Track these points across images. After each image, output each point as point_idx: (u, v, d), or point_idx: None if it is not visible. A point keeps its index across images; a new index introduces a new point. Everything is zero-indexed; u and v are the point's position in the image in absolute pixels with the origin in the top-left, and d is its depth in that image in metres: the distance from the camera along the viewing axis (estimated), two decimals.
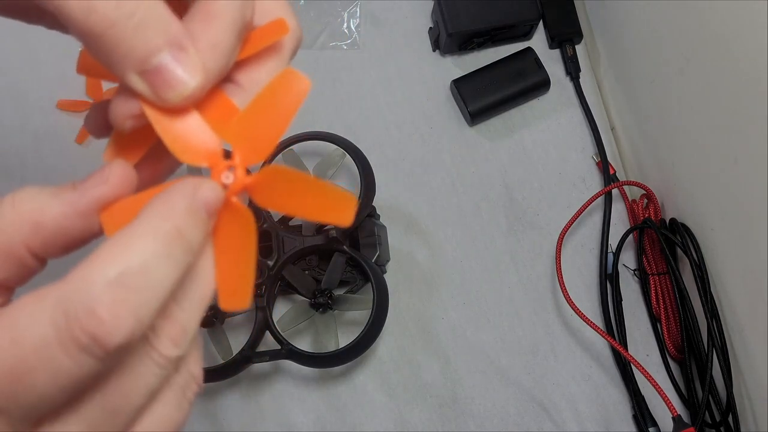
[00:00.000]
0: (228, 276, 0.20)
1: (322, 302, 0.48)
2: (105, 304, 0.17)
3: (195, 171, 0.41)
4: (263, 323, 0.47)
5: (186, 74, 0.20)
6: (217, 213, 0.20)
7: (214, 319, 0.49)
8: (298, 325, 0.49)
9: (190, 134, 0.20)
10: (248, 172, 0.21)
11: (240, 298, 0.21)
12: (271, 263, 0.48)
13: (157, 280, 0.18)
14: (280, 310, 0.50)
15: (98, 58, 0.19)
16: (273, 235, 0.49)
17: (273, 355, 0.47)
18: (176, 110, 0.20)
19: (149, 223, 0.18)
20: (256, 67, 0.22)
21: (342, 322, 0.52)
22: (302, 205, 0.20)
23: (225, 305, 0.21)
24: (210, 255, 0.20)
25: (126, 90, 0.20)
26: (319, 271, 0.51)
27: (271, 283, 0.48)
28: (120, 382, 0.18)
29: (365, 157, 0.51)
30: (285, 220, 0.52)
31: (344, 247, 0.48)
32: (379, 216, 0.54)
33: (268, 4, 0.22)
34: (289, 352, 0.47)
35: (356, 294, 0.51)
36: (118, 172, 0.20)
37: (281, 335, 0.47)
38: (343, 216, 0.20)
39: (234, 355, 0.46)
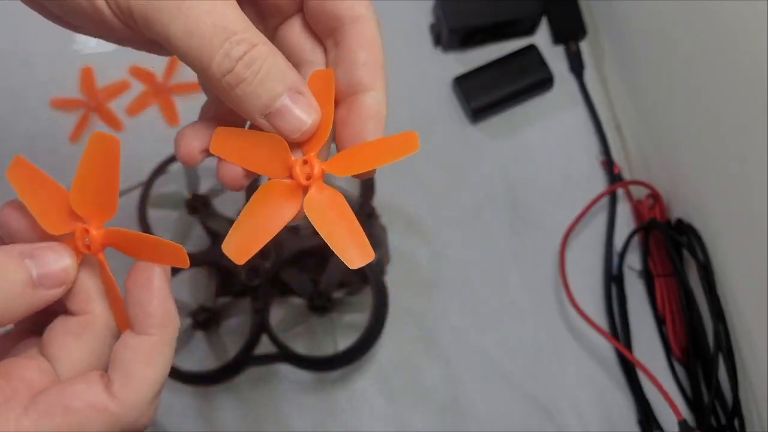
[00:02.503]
0: (114, 308, 0.24)
1: (320, 305, 0.47)
2: None
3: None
4: (260, 326, 0.46)
5: (303, 114, 0.24)
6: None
7: (210, 322, 0.48)
8: (295, 328, 0.48)
9: (54, 211, 0.24)
10: None
11: (123, 324, 0.24)
12: (268, 265, 0.47)
13: None
14: (278, 313, 0.50)
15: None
16: None
17: (270, 359, 0.46)
18: (44, 194, 0.24)
19: None
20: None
21: (340, 325, 0.51)
22: (148, 256, 0.23)
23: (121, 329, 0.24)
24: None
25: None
26: (317, 273, 0.50)
27: (268, 285, 0.47)
28: None
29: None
30: None
31: None
32: (379, 217, 0.53)
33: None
34: (287, 356, 0.46)
35: (355, 296, 0.50)
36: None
37: (278, 338, 0.46)
38: (179, 262, 0.23)
39: (230, 358, 0.45)
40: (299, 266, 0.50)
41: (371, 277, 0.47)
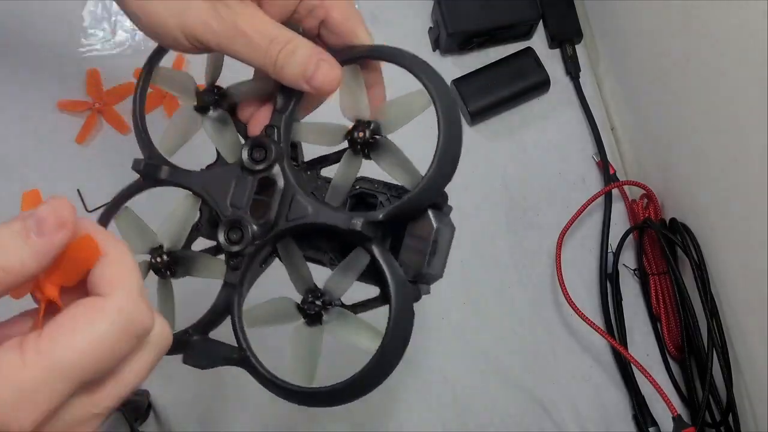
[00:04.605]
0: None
1: (313, 310, 0.32)
2: None
3: None
4: (224, 306, 0.32)
5: (332, 71, 0.33)
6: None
7: (170, 270, 0.34)
8: (271, 327, 0.33)
9: None
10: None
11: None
12: (256, 228, 0.32)
13: None
14: (255, 296, 0.34)
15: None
16: (277, 188, 0.33)
17: (224, 358, 0.32)
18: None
19: None
20: None
21: (329, 340, 0.34)
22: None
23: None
24: None
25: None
26: (329, 263, 0.35)
27: (252, 256, 0.32)
28: None
29: (452, 99, 0.35)
30: (313, 164, 0.36)
31: (373, 243, 0.32)
32: (450, 209, 0.37)
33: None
34: (242, 360, 0.32)
35: (366, 311, 0.34)
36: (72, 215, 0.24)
37: (242, 333, 0.32)
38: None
39: (175, 332, 0.32)
40: (305, 245, 0.34)
41: (394, 298, 0.32)
